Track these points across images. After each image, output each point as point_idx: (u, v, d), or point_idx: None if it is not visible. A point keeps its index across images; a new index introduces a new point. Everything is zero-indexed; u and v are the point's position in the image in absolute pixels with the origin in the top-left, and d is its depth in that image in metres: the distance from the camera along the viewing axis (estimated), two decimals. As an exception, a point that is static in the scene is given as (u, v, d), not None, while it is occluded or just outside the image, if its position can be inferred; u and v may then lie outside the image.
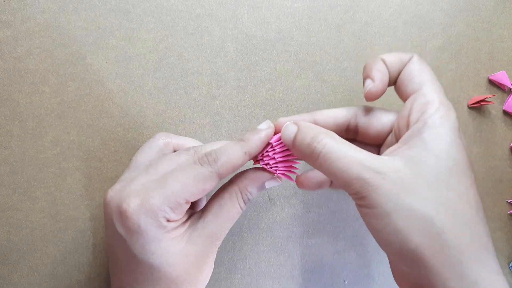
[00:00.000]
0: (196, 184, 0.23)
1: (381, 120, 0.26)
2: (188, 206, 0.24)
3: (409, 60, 0.24)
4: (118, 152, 0.32)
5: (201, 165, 0.23)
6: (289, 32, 0.34)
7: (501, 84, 0.37)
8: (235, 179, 0.26)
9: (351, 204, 0.35)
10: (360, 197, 0.21)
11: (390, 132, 0.26)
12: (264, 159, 0.25)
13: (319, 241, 0.35)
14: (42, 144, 0.31)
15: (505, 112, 0.38)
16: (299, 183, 0.28)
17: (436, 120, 0.21)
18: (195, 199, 0.24)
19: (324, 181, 0.28)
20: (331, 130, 0.24)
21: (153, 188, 0.23)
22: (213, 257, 0.26)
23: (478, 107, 0.37)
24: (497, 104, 0.37)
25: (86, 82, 0.31)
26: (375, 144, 0.27)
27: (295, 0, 0.34)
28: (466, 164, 0.21)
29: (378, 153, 0.27)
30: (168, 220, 0.23)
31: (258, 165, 0.26)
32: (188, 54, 0.33)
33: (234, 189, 0.25)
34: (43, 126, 0.31)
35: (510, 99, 0.37)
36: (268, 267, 0.34)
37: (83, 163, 0.31)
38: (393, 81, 0.25)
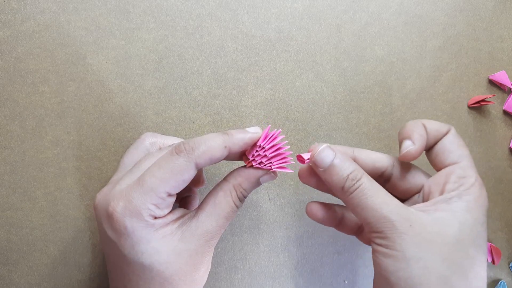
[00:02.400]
0: (173, 176, 0.22)
1: (415, 178, 0.27)
2: (173, 199, 0.24)
3: (448, 131, 0.26)
4: (118, 152, 0.32)
5: (177, 154, 0.23)
6: (289, 32, 0.34)
7: (501, 84, 0.37)
8: (229, 177, 0.26)
9: (351, 204, 0.35)
10: (383, 236, 0.22)
11: (418, 191, 0.27)
12: (256, 159, 0.25)
13: (319, 241, 0.35)
14: (42, 144, 0.31)
15: (505, 112, 0.38)
16: (300, 175, 0.28)
17: (470, 194, 0.23)
18: (178, 191, 0.23)
19: (322, 184, 0.28)
20: (367, 172, 0.26)
21: (134, 188, 0.22)
22: (209, 256, 0.25)
23: (478, 107, 0.37)
24: (497, 104, 0.37)
25: (86, 82, 0.31)
26: (400, 197, 0.28)
27: (295, 0, 0.34)
28: (485, 241, 0.23)
29: None
30: (155, 218, 0.23)
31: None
32: (188, 54, 0.33)
33: (229, 187, 0.25)
34: (43, 126, 0.31)
35: (510, 99, 0.37)
36: (268, 267, 0.34)
37: (83, 163, 0.31)
38: (428, 148, 0.27)
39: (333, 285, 0.35)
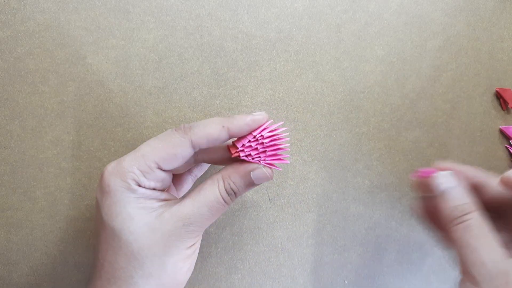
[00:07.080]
0: (166, 148, 0.24)
1: None
2: (164, 175, 0.24)
3: None
4: (118, 152, 0.32)
5: (176, 131, 0.24)
6: (289, 32, 0.34)
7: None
8: (221, 170, 0.26)
9: (351, 204, 0.35)
10: (474, 282, 0.22)
11: None
12: (245, 150, 0.25)
13: (319, 241, 0.35)
14: (42, 144, 0.31)
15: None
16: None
17: None
18: (170, 167, 0.24)
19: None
20: (492, 200, 0.25)
21: (129, 154, 0.24)
22: (185, 244, 0.24)
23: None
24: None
25: (86, 82, 0.31)
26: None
27: (295, 0, 0.34)
28: None
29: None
30: (139, 185, 0.23)
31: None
32: (188, 54, 0.33)
33: (217, 176, 0.25)
34: (43, 126, 0.31)
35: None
36: (268, 267, 0.34)
37: (83, 163, 0.31)
38: None
39: (333, 285, 0.35)
